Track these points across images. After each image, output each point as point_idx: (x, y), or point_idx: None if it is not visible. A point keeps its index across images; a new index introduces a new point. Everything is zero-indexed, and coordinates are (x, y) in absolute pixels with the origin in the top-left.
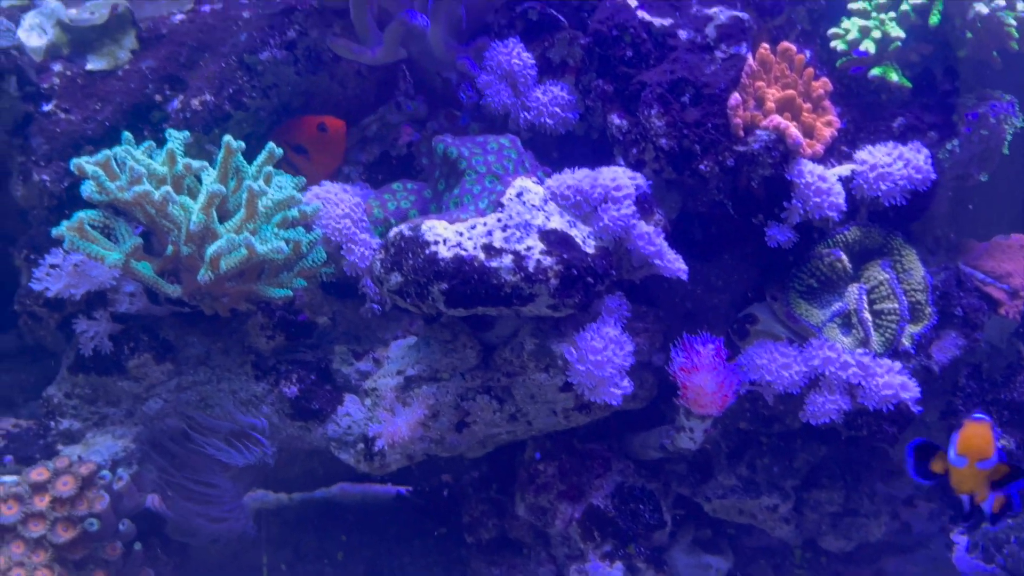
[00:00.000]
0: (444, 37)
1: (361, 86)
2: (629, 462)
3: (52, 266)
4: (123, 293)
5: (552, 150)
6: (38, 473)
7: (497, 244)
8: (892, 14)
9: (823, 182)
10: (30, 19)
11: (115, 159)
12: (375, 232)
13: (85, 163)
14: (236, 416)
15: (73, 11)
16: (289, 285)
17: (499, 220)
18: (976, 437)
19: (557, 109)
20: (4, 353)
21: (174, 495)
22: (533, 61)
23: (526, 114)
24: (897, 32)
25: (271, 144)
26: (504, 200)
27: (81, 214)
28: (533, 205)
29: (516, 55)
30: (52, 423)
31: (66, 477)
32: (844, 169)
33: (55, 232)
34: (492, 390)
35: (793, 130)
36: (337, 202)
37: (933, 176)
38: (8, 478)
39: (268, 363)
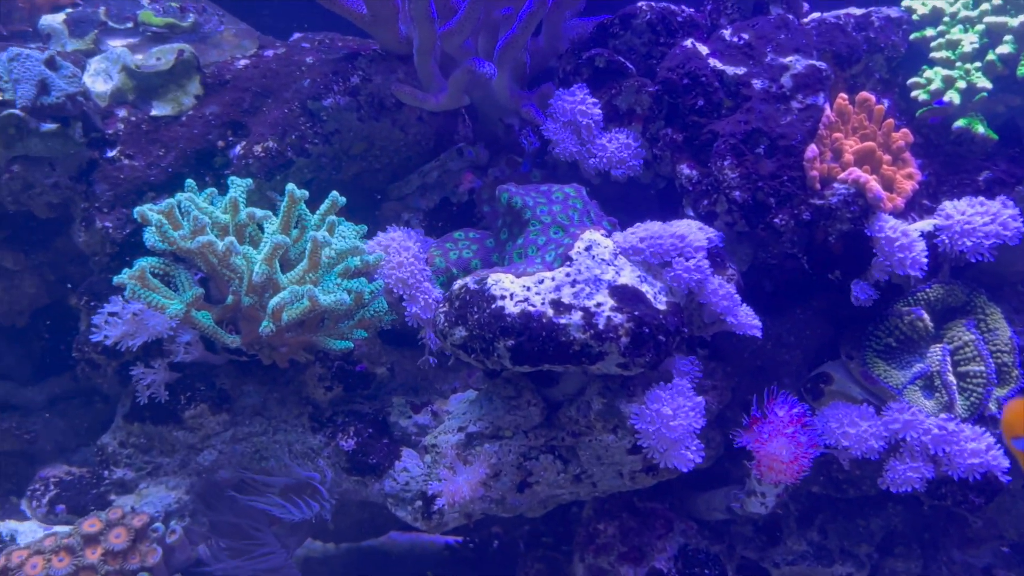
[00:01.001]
0: (508, 83)
1: (421, 131)
2: (692, 522)
3: (111, 314)
4: (180, 342)
5: (617, 198)
6: (90, 524)
7: (566, 300)
8: (978, 64)
9: (906, 238)
10: (96, 64)
11: (178, 207)
12: (436, 282)
13: (148, 211)
14: (294, 470)
15: (139, 57)
16: (350, 336)
17: (568, 275)
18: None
19: (624, 157)
20: (59, 396)
21: (224, 550)
22: (599, 109)
23: (592, 161)
24: (984, 83)
25: (335, 193)
26: (572, 254)
27: (143, 262)
28: (603, 259)
29: (583, 102)
30: (106, 472)
31: (119, 529)
32: (926, 224)
33: (116, 280)
34: (556, 450)
35: (874, 184)
36: (399, 250)
37: None
38: (60, 528)
39: (324, 414)
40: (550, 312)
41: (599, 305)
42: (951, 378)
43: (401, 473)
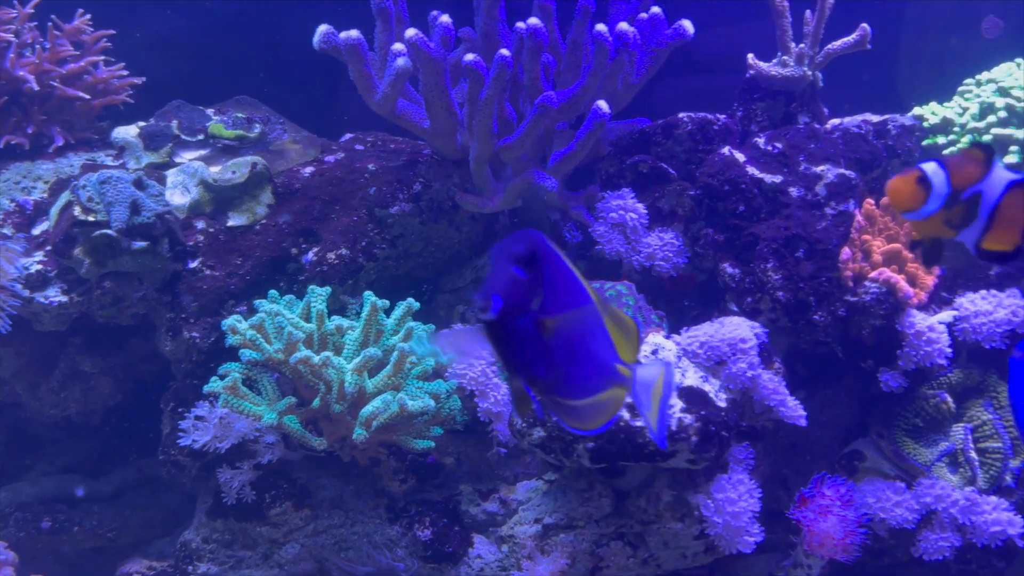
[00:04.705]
0: (558, 188)
1: (473, 228)
2: None
3: (198, 418)
4: (263, 444)
5: (657, 290)
6: None
7: None
8: None
9: (932, 332)
10: (173, 177)
11: (268, 319)
12: (502, 377)
13: (238, 324)
14: (378, 559)
15: (215, 170)
16: (427, 433)
17: None
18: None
19: (668, 255)
20: (126, 486)
21: None
22: (645, 211)
23: (637, 258)
24: None
25: (411, 300)
26: (640, 358)
27: (235, 373)
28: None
29: (632, 208)
30: (190, 567)
31: None
32: (947, 315)
33: (207, 389)
34: (625, 536)
35: (903, 284)
36: (469, 351)
37: None
38: None
39: (399, 504)
40: (627, 415)
41: (670, 408)
42: (974, 455)
43: (476, 560)
